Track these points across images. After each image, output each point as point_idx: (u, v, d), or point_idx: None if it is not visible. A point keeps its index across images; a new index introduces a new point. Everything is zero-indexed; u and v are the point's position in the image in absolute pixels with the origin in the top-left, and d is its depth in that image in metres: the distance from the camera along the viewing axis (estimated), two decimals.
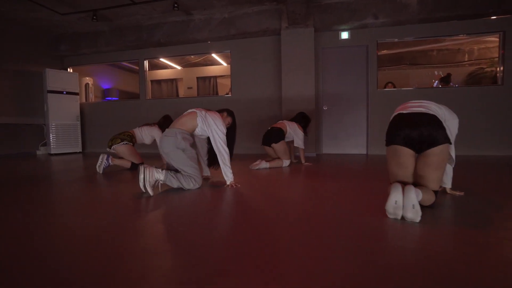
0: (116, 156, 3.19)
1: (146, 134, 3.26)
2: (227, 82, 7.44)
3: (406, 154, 1.53)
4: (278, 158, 3.33)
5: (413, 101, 1.70)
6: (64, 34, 5.82)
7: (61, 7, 4.70)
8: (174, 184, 2.02)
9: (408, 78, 6.85)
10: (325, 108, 5.00)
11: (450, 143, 1.50)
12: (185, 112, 2.24)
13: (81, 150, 5.85)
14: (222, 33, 5.03)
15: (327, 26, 4.61)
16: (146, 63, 5.78)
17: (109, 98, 7.09)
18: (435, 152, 1.47)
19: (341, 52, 4.88)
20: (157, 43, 5.39)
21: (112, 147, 3.08)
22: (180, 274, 0.86)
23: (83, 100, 6.37)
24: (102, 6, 4.64)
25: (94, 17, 4.74)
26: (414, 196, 1.31)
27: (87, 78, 6.47)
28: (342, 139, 4.97)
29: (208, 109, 2.27)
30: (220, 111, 2.37)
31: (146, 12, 4.92)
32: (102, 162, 2.98)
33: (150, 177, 1.92)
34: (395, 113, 1.68)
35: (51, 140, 5.41)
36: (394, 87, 4.99)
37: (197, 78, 7.18)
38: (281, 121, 3.53)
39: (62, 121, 5.54)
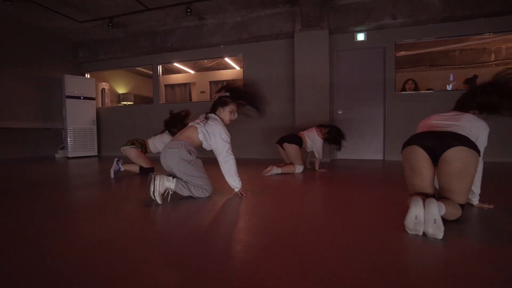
0: (126, 161, 3.21)
1: (158, 143, 3.27)
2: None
3: (419, 156, 1.41)
4: (291, 163, 3.22)
5: (441, 122, 1.55)
6: (82, 41, 6.00)
7: (80, 15, 4.84)
8: (185, 193, 1.96)
9: (427, 80, 6.52)
10: (339, 112, 4.83)
11: (473, 149, 1.33)
12: (187, 126, 2.11)
13: (96, 154, 5.98)
14: (235, 37, 5.00)
15: (342, 27, 4.47)
16: (159, 68, 5.85)
17: (124, 103, 7.24)
18: (453, 156, 1.33)
19: (357, 54, 4.71)
20: (171, 48, 5.44)
21: (121, 149, 3.12)
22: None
23: (99, 104, 6.53)
24: (118, 13, 4.74)
25: (110, 24, 4.85)
26: (436, 210, 1.18)
27: (103, 83, 6.63)
28: (357, 144, 4.78)
29: (206, 118, 2.08)
30: (217, 105, 2.12)
31: (159, 18, 4.98)
32: (113, 167, 3.01)
33: (160, 186, 1.87)
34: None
35: (68, 143, 5.56)
36: (415, 85, 4.71)
37: (210, 82, 7.20)
38: (301, 132, 3.44)
39: (79, 125, 5.69)
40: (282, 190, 2.31)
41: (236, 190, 2.10)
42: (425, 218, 1.20)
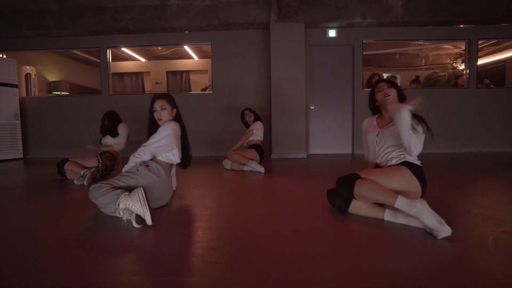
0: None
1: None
2: (200, 78, 6.90)
3: None
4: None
5: None
6: None
7: None
8: None
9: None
10: (312, 107, 4.89)
11: None
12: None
13: (22, 156, 4.73)
14: (202, 23, 4.54)
15: (316, 22, 4.48)
16: (109, 52, 4.94)
17: (57, 93, 5.93)
18: None
19: (328, 50, 4.82)
20: (124, 29, 4.63)
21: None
22: None
23: (24, 94, 5.18)
24: None
25: None
26: None
27: (28, 67, 5.28)
28: (329, 138, 4.91)
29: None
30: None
31: None
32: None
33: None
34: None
35: None
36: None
37: (167, 72, 6.47)
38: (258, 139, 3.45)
39: None
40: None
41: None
42: None
